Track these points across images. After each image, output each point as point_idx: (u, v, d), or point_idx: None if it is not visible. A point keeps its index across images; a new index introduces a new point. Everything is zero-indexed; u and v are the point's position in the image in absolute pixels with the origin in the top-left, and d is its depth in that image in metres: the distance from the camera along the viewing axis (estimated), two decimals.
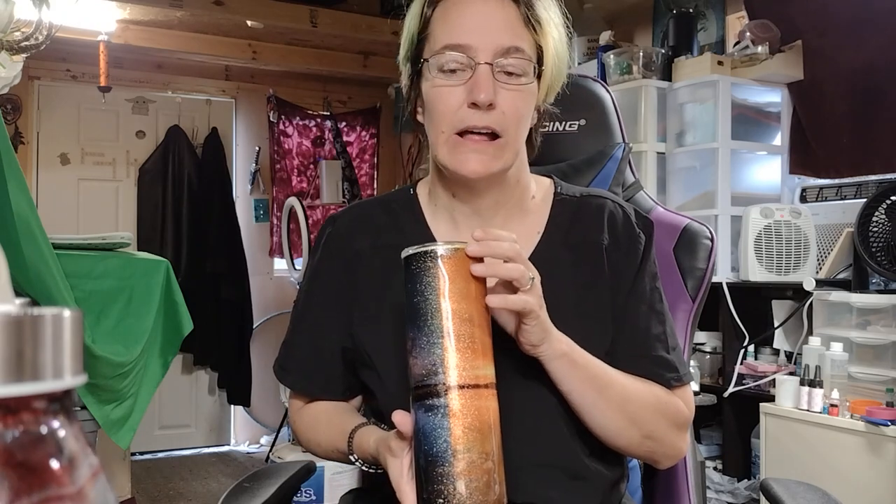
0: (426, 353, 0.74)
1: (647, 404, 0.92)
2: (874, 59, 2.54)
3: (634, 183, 1.33)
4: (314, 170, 4.85)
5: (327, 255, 1.07)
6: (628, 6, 3.40)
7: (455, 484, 0.72)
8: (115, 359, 2.33)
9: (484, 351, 0.75)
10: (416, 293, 0.75)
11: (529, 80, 0.92)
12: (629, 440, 0.92)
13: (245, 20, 3.85)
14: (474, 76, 0.90)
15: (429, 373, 0.73)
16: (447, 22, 0.92)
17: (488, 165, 0.92)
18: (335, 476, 3.25)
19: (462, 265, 0.75)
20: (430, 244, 0.76)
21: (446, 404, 0.73)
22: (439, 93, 0.92)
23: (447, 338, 0.73)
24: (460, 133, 0.91)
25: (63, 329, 0.28)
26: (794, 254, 2.56)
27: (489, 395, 0.74)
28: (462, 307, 0.74)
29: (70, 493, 0.27)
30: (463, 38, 0.90)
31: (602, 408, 0.89)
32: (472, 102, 0.89)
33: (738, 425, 2.64)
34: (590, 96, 1.35)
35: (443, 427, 0.72)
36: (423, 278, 0.75)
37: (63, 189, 4.34)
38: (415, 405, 0.75)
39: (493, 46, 0.90)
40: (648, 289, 0.98)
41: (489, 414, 0.74)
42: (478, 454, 0.72)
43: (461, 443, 0.72)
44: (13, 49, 2.48)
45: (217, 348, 4.49)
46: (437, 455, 0.72)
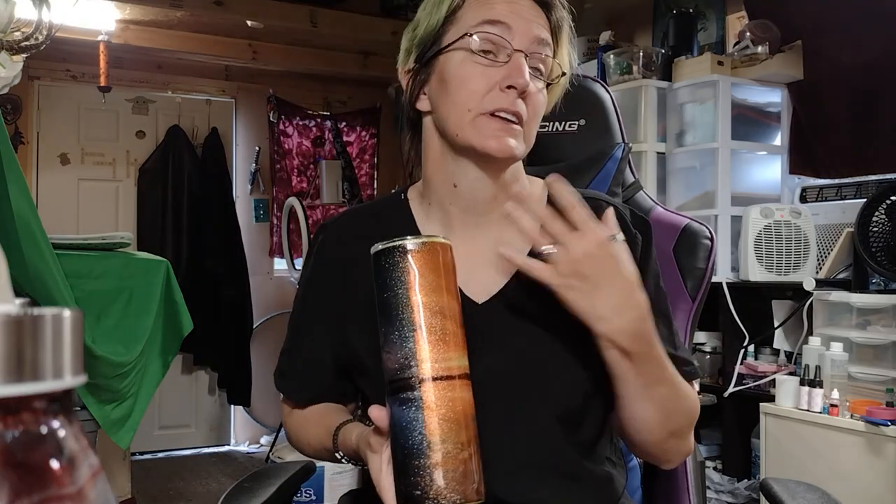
0: (398, 347, 0.74)
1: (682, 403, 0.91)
2: (874, 59, 2.54)
3: (634, 183, 1.33)
4: (314, 170, 4.85)
5: (320, 262, 1.07)
6: (628, 6, 3.40)
7: (432, 476, 0.72)
8: (115, 359, 2.33)
9: (456, 342, 0.75)
10: (385, 288, 0.76)
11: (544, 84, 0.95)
12: (657, 436, 0.91)
13: (245, 20, 3.85)
14: (512, 60, 0.90)
15: (401, 366, 0.74)
16: (484, 3, 0.93)
17: (511, 148, 0.92)
18: (335, 476, 3.24)
19: (431, 258, 0.76)
20: (399, 239, 0.76)
21: (420, 397, 0.73)
22: (472, 72, 0.91)
23: (418, 331, 0.74)
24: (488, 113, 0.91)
25: (63, 329, 0.28)
26: (794, 254, 2.56)
27: (463, 386, 0.75)
28: (432, 300, 0.75)
29: (70, 493, 0.27)
30: (504, 17, 0.91)
31: (644, 402, 0.88)
32: (510, 85, 0.90)
33: (738, 425, 2.64)
34: (590, 96, 1.35)
35: (417, 420, 0.73)
36: (392, 273, 0.75)
37: (63, 189, 4.34)
38: (389, 399, 0.75)
39: (529, 34, 0.91)
40: (653, 289, 0.97)
41: (463, 404, 0.74)
42: (453, 445, 0.73)
43: (436, 434, 0.72)
44: (13, 49, 2.48)
45: (217, 348, 4.49)
46: (412, 448, 0.73)
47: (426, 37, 0.96)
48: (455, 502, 0.72)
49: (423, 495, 0.72)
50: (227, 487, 1.05)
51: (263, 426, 4.70)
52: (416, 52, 0.98)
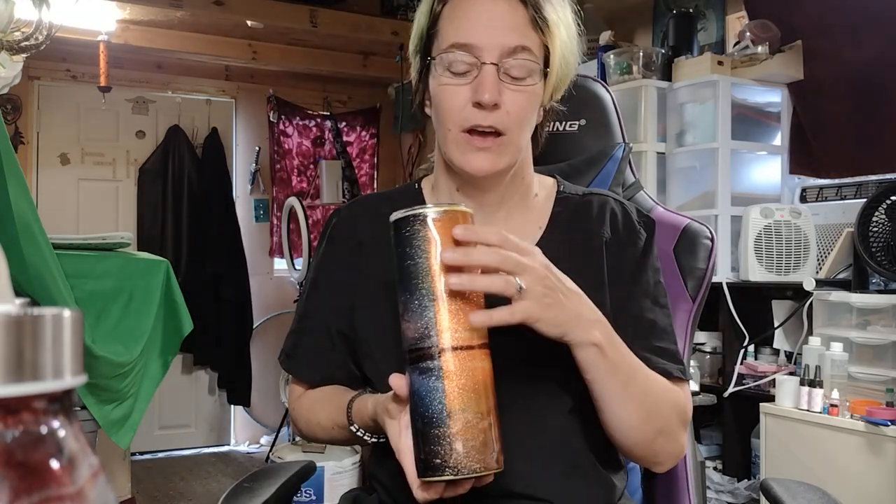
0: (418, 315, 0.74)
1: (663, 398, 0.92)
2: (874, 59, 2.54)
3: (634, 183, 1.33)
4: (314, 170, 4.85)
5: (332, 245, 1.09)
6: (628, 6, 3.40)
7: (452, 444, 0.72)
8: (115, 359, 2.33)
9: (470, 309, 0.75)
10: (406, 256, 0.75)
11: (534, 81, 0.93)
12: (643, 436, 0.91)
13: (245, 20, 3.85)
14: (479, 76, 0.91)
15: (421, 336, 0.74)
16: (455, 20, 0.93)
17: (494, 163, 0.93)
18: (335, 476, 3.24)
19: (452, 226, 0.75)
20: (419, 206, 0.75)
21: (440, 366, 0.73)
22: (445, 91, 0.93)
23: (439, 300, 0.73)
24: (465, 131, 0.93)
25: (63, 329, 0.28)
26: (794, 254, 2.56)
27: (483, 356, 0.75)
28: (452, 268, 0.74)
29: (70, 493, 0.27)
30: (469, 38, 0.91)
31: (623, 401, 0.88)
32: (477, 102, 0.90)
33: (738, 425, 2.64)
34: (590, 96, 1.35)
35: (437, 389, 0.73)
36: (413, 241, 0.75)
37: (63, 189, 4.34)
38: (409, 368, 0.75)
39: (499, 46, 0.91)
40: (652, 282, 0.99)
41: (484, 374, 0.74)
42: (473, 414, 0.73)
43: (456, 404, 0.72)
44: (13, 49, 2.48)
45: (217, 348, 4.49)
46: (433, 417, 0.73)
47: (419, 46, 0.99)
48: (475, 471, 0.73)
49: (442, 463, 0.72)
50: (227, 487, 1.05)
51: (263, 426, 4.70)
52: (415, 60, 1.01)
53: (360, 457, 3.22)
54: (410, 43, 1.02)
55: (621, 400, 0.88)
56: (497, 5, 0.92)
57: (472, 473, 0.73)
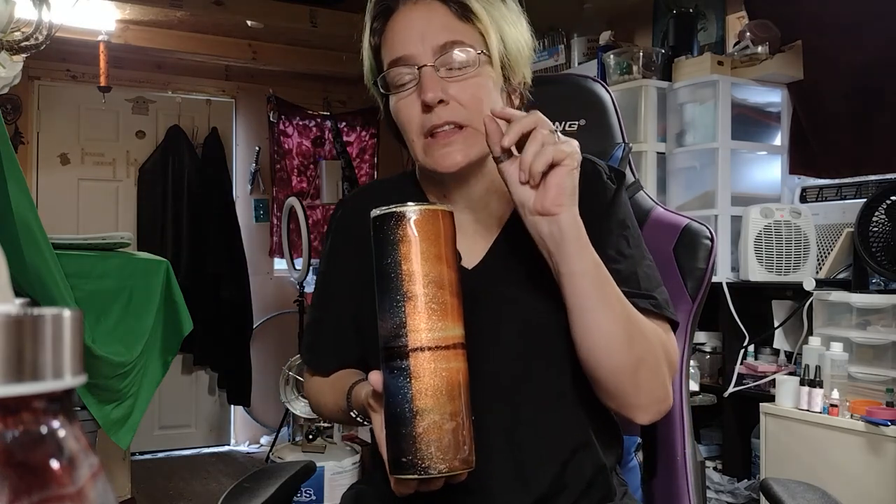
0: (390, 314, 0.74)
1: (645, 327, 0.91)
2: (874, 59, 2.54)
3: (634, 183, 1.33)
4: (314, 170, 4.85)
5: (338, 237, 1.11)
6: (628, 6, 3.40)
7: (418, 444, 0.73)
8: (116, 359, 2.33)
9: (449, 311, 0.75)
10: (382, 255, 0.76)
11: (476, 67, 0.94)
12: (624, 360, 0.88)
13: (245, 20, 3.85)
14: (420, 80, 0.94)
15: (393, 335, 0.74)
16: (388, 41, 0.98)
17: (464, 155, 0.94)
18: (335, 476, 3.24)
19: (429, 226, 0.75)
20: (397, 205, 0.76)
21: (408, 366, 0.73)
22: (398, 106, 0.97)
23: (411, 300, 0.74)
24: (426, 136, 0.95)
25: (63, 329, 0.28)
26: (794, 254, 2.56)
27: (455, 356, 0.75)
28: (427, 268, 0.74)
29: (70, 493, 0.27)
30: (402, 50, 0.95)
31: (603, 315, 0.87)
32: (423, 104, 0.93)
33: (738, 425, 2.64)
34: (590, 96, 1.35)
35: (405, 388, 0.73)
36: (388, 239, 0.75)
37: (63, 189, 4.34)
38: (382, 366, 0.76)
39: (430, 48, 0.94)
40: (616, 234, 0.98)
41: (454, 374, 0.74)
42: (440, 415, 0.73)
43: (423, 404, 0.73)
44: (13, 49, 2.48)
45: (217, 348, 4.49)
46: (401, 415, 0.73)
47: (372, 80, 1.03)
48: (441, 471, 0.73)
49: (409, 462, 0.73)
50: (227, 487, 1.05)
51: (263, 426, 4.70)
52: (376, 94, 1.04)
53: (360, 457, 3.22)
54: (365, 78, 1.06)
55: (601, 315, 0.87)
56: (418, 12, 0.96)
57: (438, 473, 0.73)
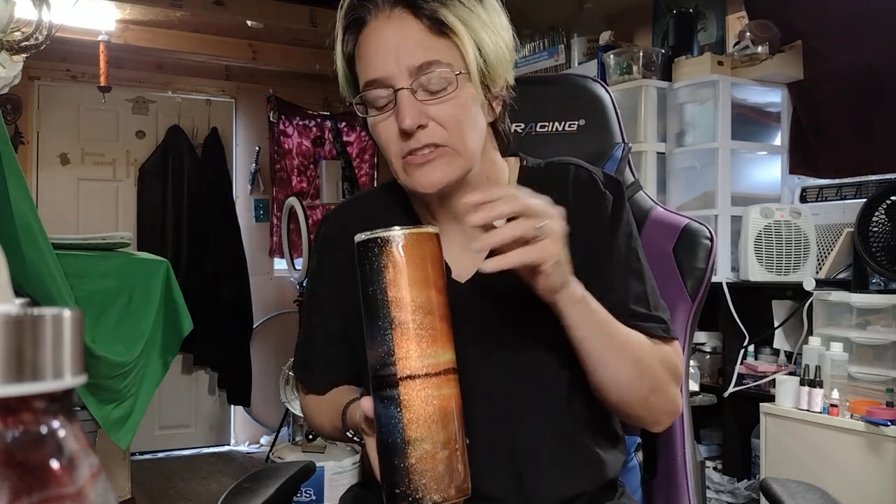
0: (378, 342, 0.73)
1: (651, 354, 0.92)
2: (874, 59, 2.54)
3: (634, 183, 1.33)
4: (314, 170, 4.85)
5: (324, 253, 1.10)
6: (628, 6, 3.40)
7: (410, 475, 0.71)
8: (115, 359, 2.33)
9: (440, 337, 0.73)
10: (367, 282, 0.74)
11: (455, 87, 0.90)
12: (636, 394, 0.91)
13: (245, 20, 3.85)
14: (397, 105, 0.90)
15: (382, 363, 0.72)
16: (362, 59, 0.93)
17: (444, 174, 0.92)
18: (335, 476, 3.24)
19: (415, 250, 0.73)
20: (381, 230, 0.74)
21: (398, 395, 0.71)
22: (376, 128, 0.94)
23: (398, 328, 0.72)
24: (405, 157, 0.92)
25: (63, 329, 0.28)
26: (794, 254, 2.56)
27: (446, 382, 0.73)
28: (414, 295, 0.72)
29: (70, 493, 0.27)
30: (378, 72, 0.91)
31: (614, 356, 0.89)
32: (401, 130, 0.90)
33: (738, 425, 2.64)
34: (589, 96, 1.35)
35: (396, 418, 0.72)
36: (373, 266, 0.73)
37: (63, 189, 4.34)
38: (373, 394, 0.74)
39: (406, 69, 0.89)
40: (624, 249, 0.97)
41: (445, 401, 0.72)
42: (432, 444, 0.71)
43: (415, 433, 0.71)
44: (13, 49, 2.48)
45: (217, 348, 4.49)
46: (392, 446, 0.72)
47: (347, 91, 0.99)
48: (435, 501, 0.71)
49: (402, 493, 0.71)
50: (227, 487, 1.05)
51: (263, 426, 4.70)
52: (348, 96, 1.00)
53: (360, 457, 3.22)
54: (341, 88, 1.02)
55: (612, 354, 0.89)
56: (392, 29, 0.90)
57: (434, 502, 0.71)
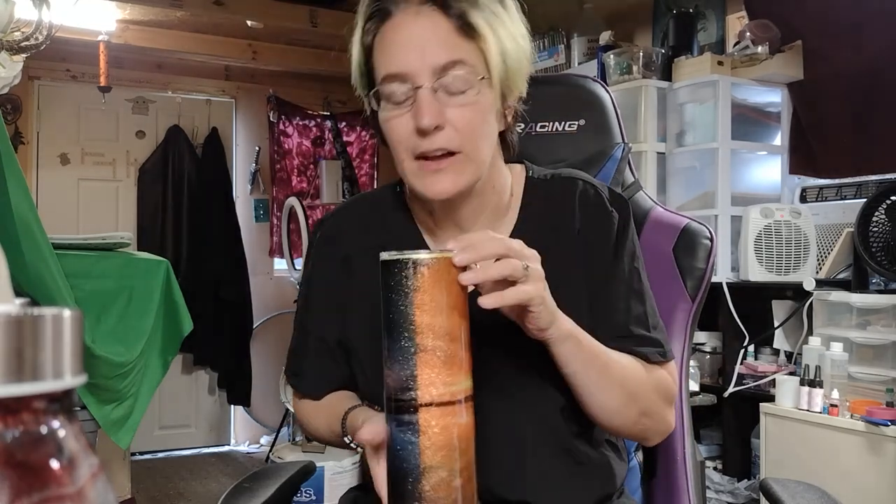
0: (400, 367, 0.71)
1: (642, 380, 0.93)
2: (874, 59, 2.54)
3: (634, 183, 1.33)
4: (314, 170, 4.85)
5: (319, 259, 1.08)
6: (628, 6, 3.40)
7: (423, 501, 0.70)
8: (116, 359, 2.33)
9: (461, 364, 0.72)
10: (391, 303, 0.71)
11: (476, 91, 0.89)
12: (626, 418, 0.92)
13: (245, 20, 3.86)
14: (416, 102, 0.88)
15: (402, 388, 0.71)
16: (384, 51, 0.91)
17: (454, 183, 0.91)
18: (335, 476, 3.24)
19: (442, 275, 0.71)
20: (409, 252, 0.71)
21: (417, 422, 0.70)
22: (390, 123, 0.92)
23: (421, 353, 0.70)
24: (417, 158, 0.91)
25: (63, 329, 0.28)
26: (794, 254, 2.56)
27: (463, 410, 0.72)
28: (439, 321, 0.70)
29: (70, 492, 0.27)
30: (400, 66, 0.89)
31: (604, 386, 0.89)
32: (418, 129, 0.88)
33: (737, 425, 2.64)
34: (589, 96, 1.35)
35: (413, 444, 0.70)
36: (399, 288, 0.71)
37: (63, 189, 4.34)
38: (388, 417, 0.73)
39: (430, 67, 0.88)
40: (627, 269, 0.97)
41: (463, 430, 0.72)
42: (447, 472, 0.70)
43: (431, 461, 0.70)
44: (13, 49, 2.48)
45: (217, 348, 4.49)
46: (407, 471, 0.71)
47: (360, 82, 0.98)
48: None
49: None
50: (227, 487, 1.05)
51: (263, 426, 4.70)
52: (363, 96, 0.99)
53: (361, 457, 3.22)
54: (353, 78, 1.00)
55: (601, 386, 0.89)
56: (420, 25, 0.89)
57: None
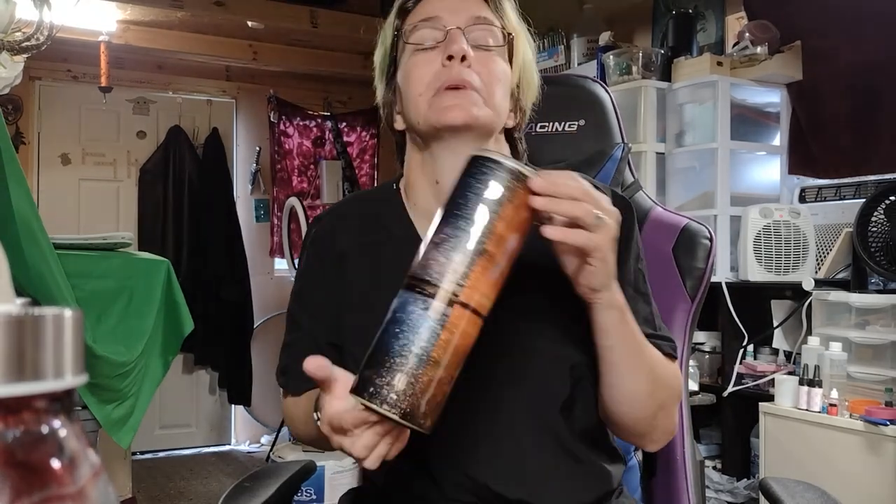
0: (454, 257, 0.72)
1: (664, 372, 0.92)
2: (873, 59, 2.54)
3: (633, 183, 1.34)
4: (314, 170, 4.85)
5: (314, 256, 1.07)
6: (628, 6, 3.40)
7: (413, 388, 0.69)
8: (116, 358, 2.34)
9: (498, 283, 0.74)
10: (469, 196, 0.73)
11: (501, 51, 0.96)
12: (648, 409, 0.91)
13: (245, 21, 3.86)
14: (447, 37, 0.93)
15: (447, 278, 0.71)
16: (417, 13, 0.97)
17: (469, 111, 0.92)
18: (335, 476, 3.25)
19: (521, 192, 0.73)
20: (507, 159, 0.73)
21: (448, 314, 0.71)
22: (416, 61, 0.95)
23: (484, 259, 0.72)
24: (437, 90, 0.93)
25: (64, 329, 0.28)
26: (794, 254, 2.56)
27: (479, 326, 0.73)
28: (511, 238, 0.73)
29: (71, 492, 0.27)
30: (436, 11, 0.95)
31: (635, 367, 0.88)
32: (448, 56, 0.92)
33: (737, 425, 2.64)
34: (589, 97, 1.36)
35: (433, 333, 0.70)
36: (483, 185, 0.73)
37: (64, 189, 4.34)
38: (412, 294, 0.72)
39: (463, 17, 0.94)
40: (633, 271, 0.97)
41: (471, 343, 0.73)
42: (444, 373, 0.71)
43: (439, 356, 0.70)
44: (14, 49, 2.49)
45: (217, 348, 4.49)
46: (412, 353, 0.70)
47: (384, 62, 1.02)
48: (419, 425, 0.70)
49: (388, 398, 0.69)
50: (227, 487, 1.05)
51: (264, 426, 4.71)
52: (381, 80, 1.02)
53: None
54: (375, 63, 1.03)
55: (633, 367, 0.88)
56: None
57: (413, 425, 0.70)
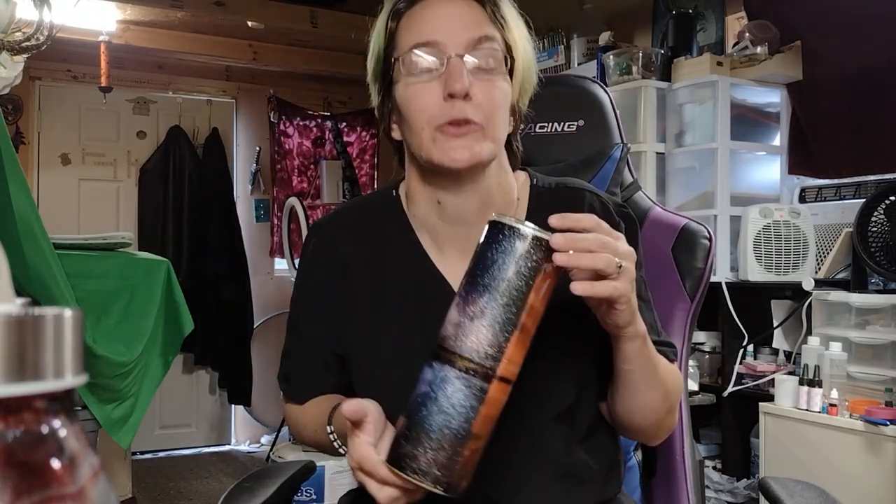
0: (492, 332, 0.72)
1: (672, 379, 0.94)
2: (873, 60, 2.54)
3: (633, 183, 1.34)
4: (315, 170, 4.85)
5: (315, 265, 1.06)
6: (628, 7, 3.40)
7: (457, 464, 0.72)
8: (116, 358, 2.34)
9: (527, 349, 0.75)
10: (498, 269, 0.73)
11: (502, 72, 0.92)
12: (658, 416, 0.94)
13: (245, 21, 3.85)
14: (447, 69, 0.89)
15: (486, 354, 0.72)
16: (412, 27, 0.92)
17: (473, 152, 0.90)
18: (335, 476, 3.25)
19: (545, 257, 0.74)
20: (522, 223, 0.73)
21: (486, 389, 0.72)
22: (414, 91, 0.91)
23: (520, 332, 0.73)
24: (440, 127, 0.90)
25: (64, 329, 0.28)
26: (793, 254, 2.56)
27: (508, 393, 0.75)
28: (542, 309, 0.74)
29: (71, 492, 0.27)
30: (435, 34, 0.90)
31: (651, 385, 0.90)
32: (449, 94, 0.88)
33: (737, 425, 2.64)
34: (588, 97, 1.36)
35: (473, 409, 0.72)
36: (527, 263, 0.73)
37: (64, 189, 4.34)
38: (450, 368, 0.73)
39: (462, 40, 0.90)
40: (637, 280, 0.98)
41: (503, 406, 0.75)
42: (483, 444, 0.74)
43: (479, 430, 0.73)
44: (14, 49, 2.49)
45: (217, 348, 4.49)
46: (450, 429, 0.72)
47: (377, 68, 0.99)
48: (460, 493, 0.74)
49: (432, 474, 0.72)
50: (227, 487, 1.05)
51: (264, 425, 4.70)
52: (375, 85, 1.00)
53: None
54: (368, 68, 1.01)
55: (649, 384, 0.90)
56: (454, 5, 0.92)
57: (450, 494, 0.73)
